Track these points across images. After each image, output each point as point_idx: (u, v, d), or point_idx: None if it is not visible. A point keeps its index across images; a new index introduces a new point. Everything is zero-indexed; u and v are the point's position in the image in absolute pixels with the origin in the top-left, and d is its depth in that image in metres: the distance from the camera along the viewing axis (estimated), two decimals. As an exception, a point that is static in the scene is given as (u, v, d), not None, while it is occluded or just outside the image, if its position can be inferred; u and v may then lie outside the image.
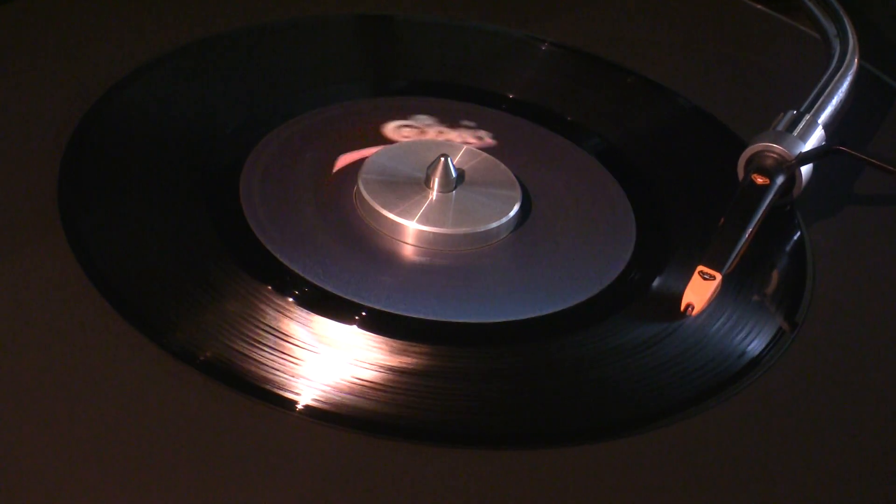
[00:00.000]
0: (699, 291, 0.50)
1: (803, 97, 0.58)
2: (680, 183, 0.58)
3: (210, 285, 0.48)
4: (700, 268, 0.50)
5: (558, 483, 0.43)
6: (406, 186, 0.53)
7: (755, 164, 0.55)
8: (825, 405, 0.48)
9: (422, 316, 0.48)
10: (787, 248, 0.55)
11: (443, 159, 0.53)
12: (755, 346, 0.49)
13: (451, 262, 0.52)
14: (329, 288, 0.49)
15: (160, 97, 0.58)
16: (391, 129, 0.57)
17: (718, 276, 0.50)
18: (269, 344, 0.46)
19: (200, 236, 0.50)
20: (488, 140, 0.57)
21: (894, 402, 0.48)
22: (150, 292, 0.48)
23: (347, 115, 0.59)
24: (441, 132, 0.56)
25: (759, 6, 0.72)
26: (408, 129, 0.56)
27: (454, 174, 0.53)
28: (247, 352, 0.45)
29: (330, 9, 0.67)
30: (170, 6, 0.64)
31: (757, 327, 0.50)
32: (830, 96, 0.59)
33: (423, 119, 0.57)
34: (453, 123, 0.58)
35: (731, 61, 0.68)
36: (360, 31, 0.67)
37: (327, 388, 0.45)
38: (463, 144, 0.56)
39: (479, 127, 0.59)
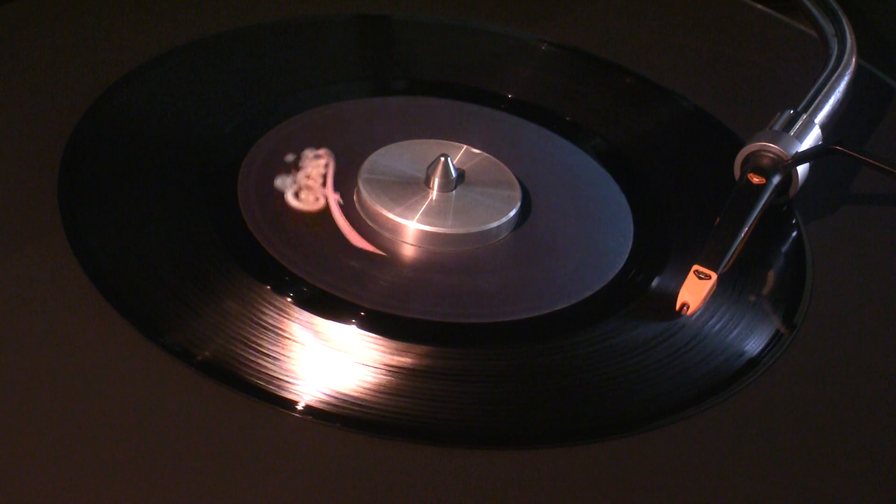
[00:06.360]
0: (695, 291, 0.50)
1: (801, 97, 0.58)
2: (679, 182, 0.58)
3: (209, 285, 0.48)
4: (696, 267, 0.50)
5: (558, 483, 0.43)
6: (406, 186, 0.53)
7: (752, 164, 0.55)
8: (824, 405, 0.48)
9: (421, 316, 0.49)
10: (786, 248, 0.55)
11: (443, 159, 0.53)
12: (754, 346, 0.49)
13: (451, 262, 0.52)
14: (328, 288, 0.49)
15: (159, 97, 0.58)
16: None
17: (714, 276, 0.50)
18: (267, 344, 0.46)
19: (200, 236, 0.50)
20: None
21: (894, 401, 0.48)
22: (149, 292, 0.48)
23: (347, 115, 0.59)
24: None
25: (757, 6, 0.72)
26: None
27: (454, 174, 0.53)
28: (246, 352, 0.45)
29: (330, 9, 0.67)
30: (168, 6, 0.64)
31: (756, 327, 0.50)
32: (828, 96, 0.59)
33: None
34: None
35: (730, 61, 0.68)
36: (360, 31, 0.67)
37: (326, 388, 0.45)
38: (463, 144, 0.56)
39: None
